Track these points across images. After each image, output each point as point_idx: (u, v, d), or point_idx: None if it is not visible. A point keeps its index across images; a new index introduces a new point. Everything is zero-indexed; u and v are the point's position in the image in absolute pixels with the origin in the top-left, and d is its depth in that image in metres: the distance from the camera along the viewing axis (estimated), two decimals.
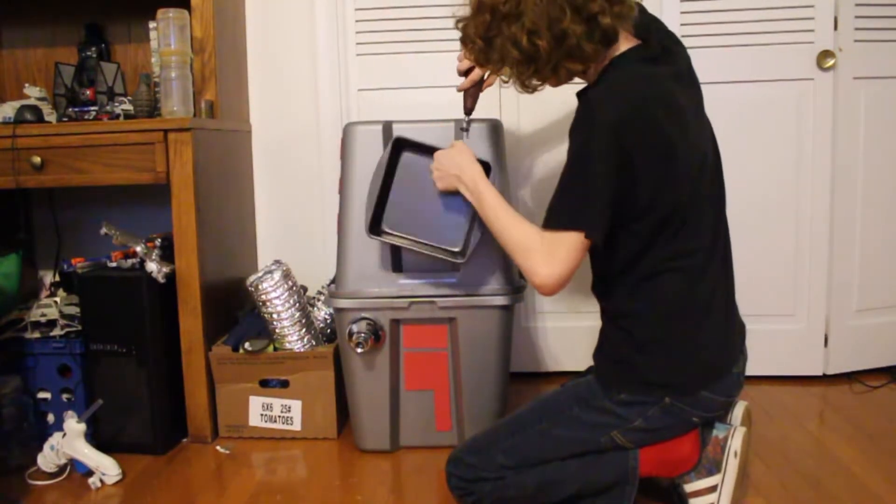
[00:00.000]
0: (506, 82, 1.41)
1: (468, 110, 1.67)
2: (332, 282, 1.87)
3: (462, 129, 1.69)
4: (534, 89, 1.39)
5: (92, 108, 1.97)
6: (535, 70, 1.33)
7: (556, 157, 2.25)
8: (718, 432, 1.42)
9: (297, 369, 1.88)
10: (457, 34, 1.42)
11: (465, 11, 1.38)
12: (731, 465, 1.39)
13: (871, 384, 2.18)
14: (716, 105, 2.15)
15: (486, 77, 1.63)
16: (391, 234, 1.68)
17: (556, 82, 1.38)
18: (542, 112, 2.23)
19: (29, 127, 1.86)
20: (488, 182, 1.50)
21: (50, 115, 2.03)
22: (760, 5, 2.12)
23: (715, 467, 1.40)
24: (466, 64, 1.61)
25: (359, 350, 1.72)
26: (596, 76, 1.37)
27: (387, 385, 1.79)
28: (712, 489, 1.40)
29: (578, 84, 1.40)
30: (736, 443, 1.39)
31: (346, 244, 1.76)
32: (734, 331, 1.44)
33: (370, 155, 1.74)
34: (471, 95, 1.65)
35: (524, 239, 1.36)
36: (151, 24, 2.10)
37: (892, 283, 2.26)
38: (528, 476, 1.41)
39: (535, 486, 1.41)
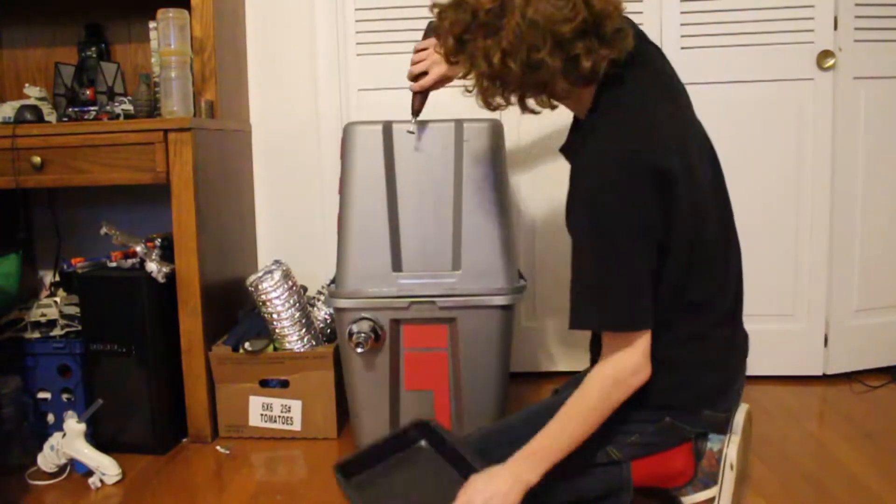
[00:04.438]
0: (469, 92, 1.30)
1: (415, 111, 1.68)
2: (332, 282, 1.87)
3: (409, 132, 1.70)
4: (495, 108, 1.29)
5: (92, 108, 1.97)
6: (500, 90, 1.25)
7: (556, 157, 2.24)
8: (713, 444, 1.39)
9: (297, 369, 1.88)
10: None
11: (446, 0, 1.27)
12: (728, 477, 1.37)
13: (871, 384, 2.18)
14: (716, 105, 2.17)
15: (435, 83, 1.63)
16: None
17: (522, 109, 1.30)
18: (543, 112, 2.22)
19: (29, 127, 1.86)
20: (526, 464, 1.27)
21: (50, 115, 2.03)
22: (760, 5, 2.12)
23: (711, 480, 1.39)
24: (419, 68, 1.62)
25: (359, 350, 1.72)
26: (585, 108, 1.31)
27: (387, 385, 1.79)
28: (710, 501, 1.39)
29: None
30: (731, 454, 1.36)
31: (346, 244, 1.76)
32: (740, 347, 1.41)
33: (370, 155, 1.75)
34: (419, 98, 1.66)
35: (592, 401, 1.25)
36: (151, 24, 2.10)
37: (892, 283, 2.26)
38: None
39: (527, 494, 1.39)
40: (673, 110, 1.28)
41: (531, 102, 1.27)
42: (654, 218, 1.20)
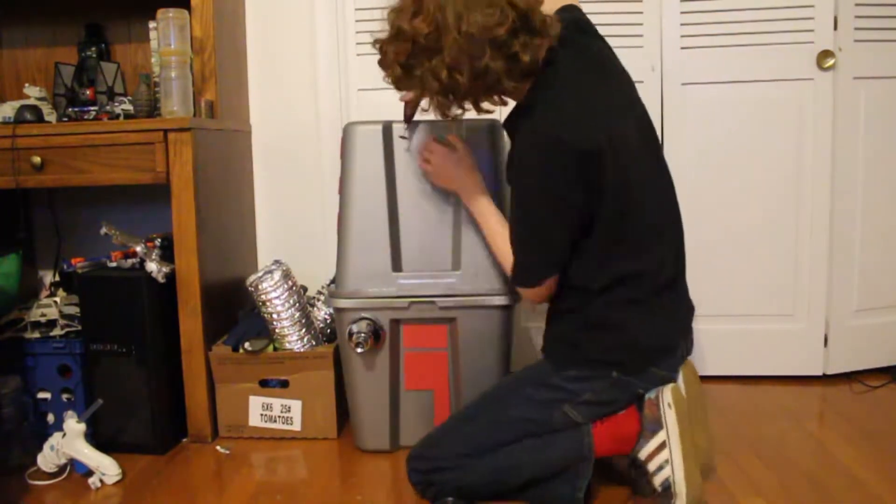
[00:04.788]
0: (425, 110, 1.43)
1: (407, 118, 1.69)
2: (332, 282, 1.87)
3: (401, 136, 1.73)
4: (454, 117, 1.43)
5: (92, 108, 1.97)
6: (454, 101, 1.37)
7: None
8: (650, 394, 1.46)
9: (297, 369, 1.88)
10: None
11: (383, 34, 1.39)
12: (670, 416, 1.41)
13: (871, 384, 2.18)
14: (716, 105, 2.18)
15: None
16: None
17: (477, 111, 1.43)
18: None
19: (29, 127, 1.86)
20: (479, 191, 1.59)
21: (50, 115, 2.03)
22: (760, 5, 2.12)
23: (657, 425, 1.42)
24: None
25: (359, 350, 1.72)
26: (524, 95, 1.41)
27: (387, 385, 1.79)
28: (662, 446, 1.41)
29: None
30: (667, 396, 1.42)
31: (346, 244, 1.76)
32: (682, 312, 1.49)
33: (370, 155, 1.75)
34: (411, 106, 1.66)
35: (507, 257, 1.51)
36: (151, 24, 2.09)
37: (892, 283, 2.26)
38: (486, 461, 1.44)
39: (493, 470, 1.44)
40: (603, 87, 1.40)
41: (485, 104, 1.40)
42: (575, 192, 1.33)
